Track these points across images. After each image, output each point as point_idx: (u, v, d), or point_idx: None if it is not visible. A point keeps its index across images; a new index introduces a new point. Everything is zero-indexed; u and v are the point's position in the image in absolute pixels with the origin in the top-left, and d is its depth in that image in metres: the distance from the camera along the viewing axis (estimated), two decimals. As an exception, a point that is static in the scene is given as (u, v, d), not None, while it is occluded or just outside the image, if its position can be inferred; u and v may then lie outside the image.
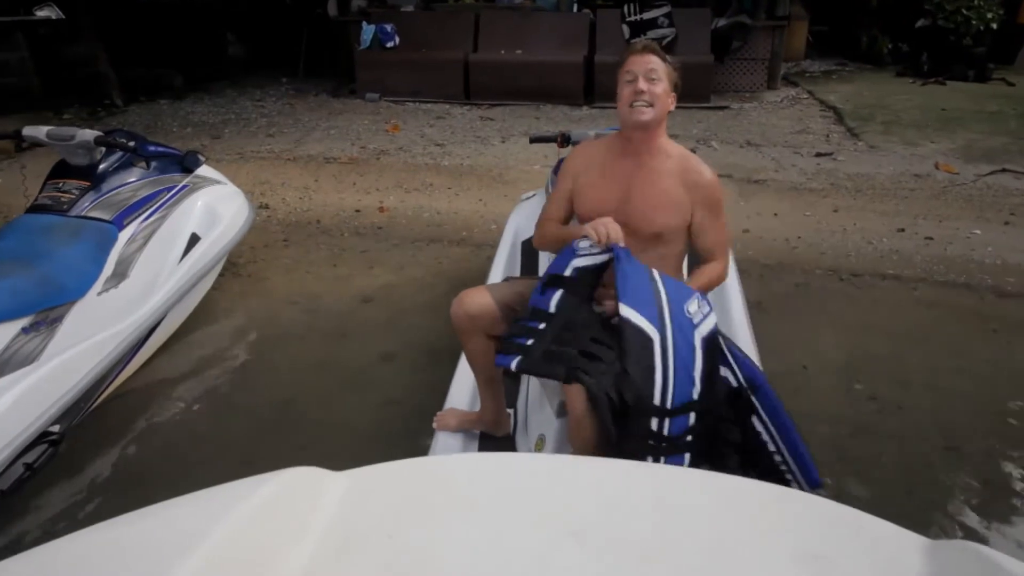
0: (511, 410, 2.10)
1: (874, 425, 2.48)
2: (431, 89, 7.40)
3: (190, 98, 7.54)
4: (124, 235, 2.71)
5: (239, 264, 3.72)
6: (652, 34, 7.07)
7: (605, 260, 1.64)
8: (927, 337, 3.06)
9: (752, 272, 3.61)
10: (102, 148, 2.74)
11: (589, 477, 0.92)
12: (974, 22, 7.67)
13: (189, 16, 8.15)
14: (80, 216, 2.64)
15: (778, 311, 3.26)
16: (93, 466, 2.33)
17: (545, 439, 1.80)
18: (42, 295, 2.27)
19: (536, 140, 2.88)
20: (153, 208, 2.89)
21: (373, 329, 3.14)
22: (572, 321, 1.56)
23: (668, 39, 7.08)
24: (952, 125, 6.12)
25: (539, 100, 7.21)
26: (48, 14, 5.55)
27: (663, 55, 1.80)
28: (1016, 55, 8.44)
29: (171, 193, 3.00)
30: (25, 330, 2.18)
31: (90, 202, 2.68)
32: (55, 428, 2.16)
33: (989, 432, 2.43)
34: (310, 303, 3.38)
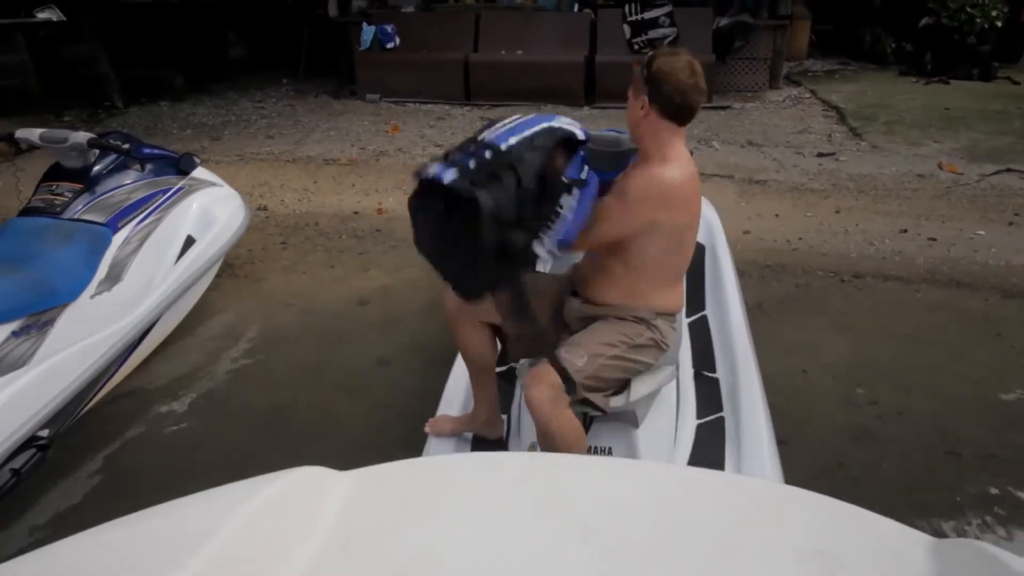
0: (504, 416, 2.08)
1: (875, 430, 2.44)
2: (431, 90, 7.37)
3: (190, 99, 7.52)
4: (118, 238, 2.70)
5: (236, 266, 3.70)
6: (653, 34, 7.02)
7: (577, 137, 1.62)
8: (929, 340, 3.02)
9: (752, 273, 3.57)
10: (96, 150, 2.73)
11: (593, 476, 0.92)
12: (978, 20, 7.60)
13: (190, 17, 8.14)
14: (73, 219, 2.62)
15: (778, 313, 3.22)
16: (83, 472, 2.31)
17: (537, 447, 1.78)
18: (33, 298, 2.26)
19: None
20: (148, 211, 2.87)
21: (368, 332, 3.12)
22: (517, 159, 1.49)
23: (669, 38, 7.04)
24: (956, 124, 6.07)
25: (540, 100, 7.16)
26: (49, 16, 5.54)
27: (634, 67, 1.73)
28: (1021, 54, 8.36)
29: (166, 195, 2.98)
30: (15, 333, 2.16)
31: (83, 205, 2.66)
32: (44, 433, 2.14)
33: (991, 438, 2.40)
34: (306, 305, 3.36)
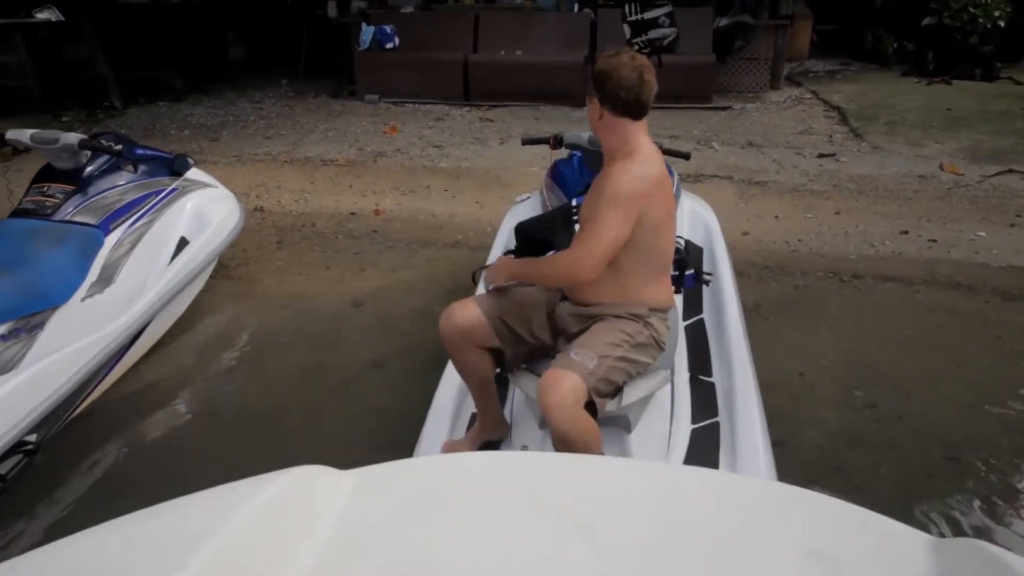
0: None
1: (873, 434, 2.41)
2: (430, 90, 7.34)
3: (189, 100, 7.51)
4: (110, 240, 2.67)
5: (231, 267, 3.68)
6: (653, 34, 7.00)
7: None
8: (929, 342, 2.99)
9: (751, 274, 3.55)
10: (88, 152, 2.71)
11: (595, 475, 0.93)
12: (981, 20, 7.56)
13: (189, 17, 8.12)
14: (64, 220, 2.60)
15: (776, 315, 3.19)
16: (70, 477, 2.28)
17: (528, 449, 1.76)
18: (22, 301, 2.24)
19: (528, 142, 2.82)
20: (140, 212, 2.85)
21: (363, 334, 3.10)
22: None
23: (669, 39, 7.01)
24: (958, 125, 6.03)
25: (539, 101, 7.14)
26: (48, 16, 5.52)
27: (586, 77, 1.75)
28: (1024, 53, 8.32)
29: (159, 197, 2.95)
30: (3, 337, 2.14)
31: (74, 206, 2.64)
32: (31, 438, 2.12)
33: (991, 442, 2.37)
34: (301, 307, 3.34)
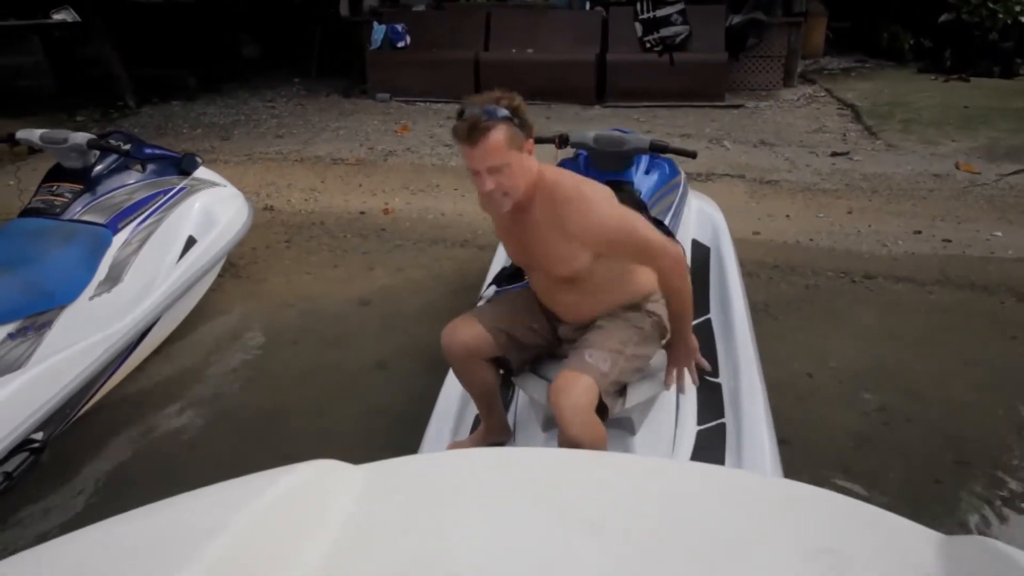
0: None
1: (881, 438, 2.38)
2: (442, 89, 7.33)
3: (202, 99, 7.56)
4: (118, 239, 2.70)
5: (239, 265, 3.70)
6: (665, 31, 6.95)
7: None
8: (941, 343, 2.94)
9: (760, 274, 3.51)
10: (96, 151, 2.73)
11: (603, 471, 0.94)
12: (1000, 16, 7.43)
13: (203, 17, 8.18)
14: (73, 220, 2.62)
15: (785, 315, 3.16)
16: (76, 475, 2.30)
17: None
18: (30, 300, 2.26)
19: (535, 141, 2.80)
20: (149, 211, 2.87)
21: (368, 334, 3.10)
22: None
23: (682, 36, 6.96)
24: (975, 123, 5.93)
25: (551, 99, 7.12)
26: (64, 17, 5.58)
27: (491, 125, 1.50)
28: (1044, 50, 8.17)
29: (167, 196, 2.98)
30: (11, 336, 2.16)
31: (83, 206, 2.66)
32: (38, 436, 2.14)
33: (1003, 446, 2.32)
34: (308, 306, 3.35)
